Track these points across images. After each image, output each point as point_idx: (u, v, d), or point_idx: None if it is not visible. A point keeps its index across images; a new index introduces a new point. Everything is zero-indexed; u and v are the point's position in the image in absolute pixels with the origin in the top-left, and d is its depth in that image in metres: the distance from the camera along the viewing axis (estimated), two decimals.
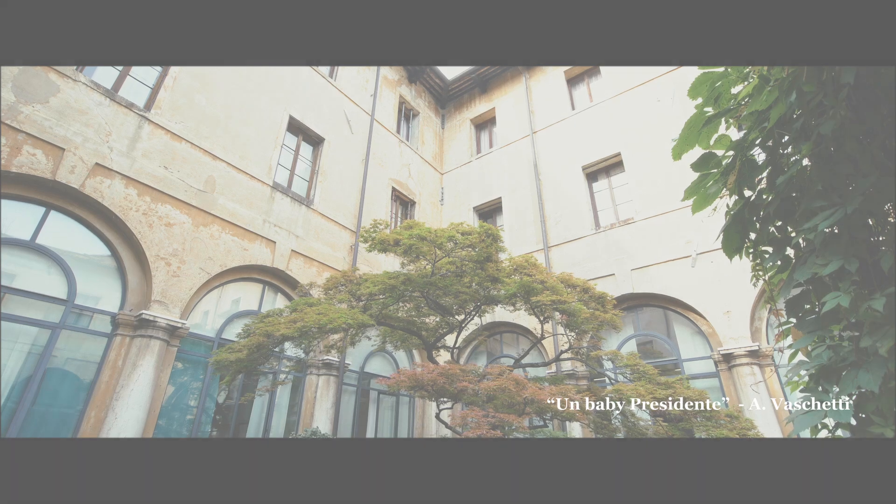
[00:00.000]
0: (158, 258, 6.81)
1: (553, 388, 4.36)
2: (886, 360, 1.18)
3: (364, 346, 9.53)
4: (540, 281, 5.64)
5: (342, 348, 7.34)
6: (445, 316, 6.41)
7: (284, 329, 4.68)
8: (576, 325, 5.86)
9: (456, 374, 4.23)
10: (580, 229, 10.48)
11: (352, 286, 5.96)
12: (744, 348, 7.70)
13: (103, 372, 6.14)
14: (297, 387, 8.49)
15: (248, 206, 8.27)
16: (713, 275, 8.41)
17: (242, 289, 8.21)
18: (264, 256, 8.26)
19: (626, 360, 5.76)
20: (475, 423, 3.76)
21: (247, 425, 7.84)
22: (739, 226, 1.75)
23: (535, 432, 6.82)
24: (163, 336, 6.58)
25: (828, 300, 1.27)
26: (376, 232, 5.59)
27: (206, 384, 7.18)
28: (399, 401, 10.29)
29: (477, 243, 5.21)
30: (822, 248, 1.36)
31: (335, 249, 9.69)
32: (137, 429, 6.05)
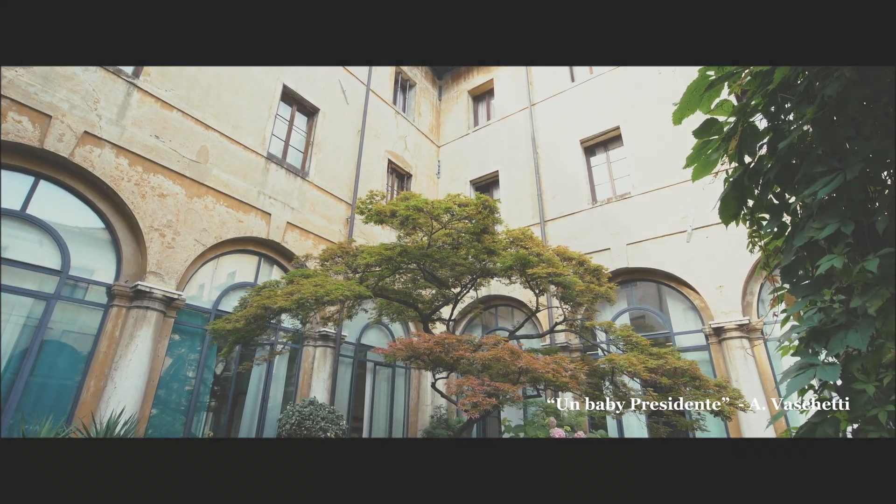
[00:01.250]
0: (152, 229, 6.76)
1: (547, 359, 4.43)
2: (875, 319, 1.20)
3: (360, 319, 9.61)
4: (536, 254, 5.65)
5: (339, 320, 7.40)
6: (441, 288, 6.44)
7: (281, 301, 4.69)
8: (570, 297, 5.92)
9: (452, 343, 4.29)
10: (577, 203, 10.46)
11: (348, 258, 5.96)
12: (734, 322, 7.83)
13: (101, 342, 6.17)
14: (295, 358, 8.59)
15: (242, 177, 8.17)
16: (707, 250, 8.47)
17: (238, 261, 8.20)
18: (260, 228, 8.22)
19: (619, 331, 5.85)
20: (471, 391, 3.83)
21: (245, 395, 7.97)
22: (738, 192, 1.75)
23: (528, 402, 6.98)
24: (159, 307, 6.60)
25: (822, 263, 1.28)
26: (372, 203, 5.55)
27: (203, 355, 7.25)
28: (395, 372, 10.45)
29: (474, 215, 5.19)
30: (820, 213, 1.37)
31: (331, 222, 9.65)
32: (137, 398, 6.13)
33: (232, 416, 7.86)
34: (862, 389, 1.23)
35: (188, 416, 6.90)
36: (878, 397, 1.21)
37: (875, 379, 1.23)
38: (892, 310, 1.18)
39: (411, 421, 10.37)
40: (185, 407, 6.98)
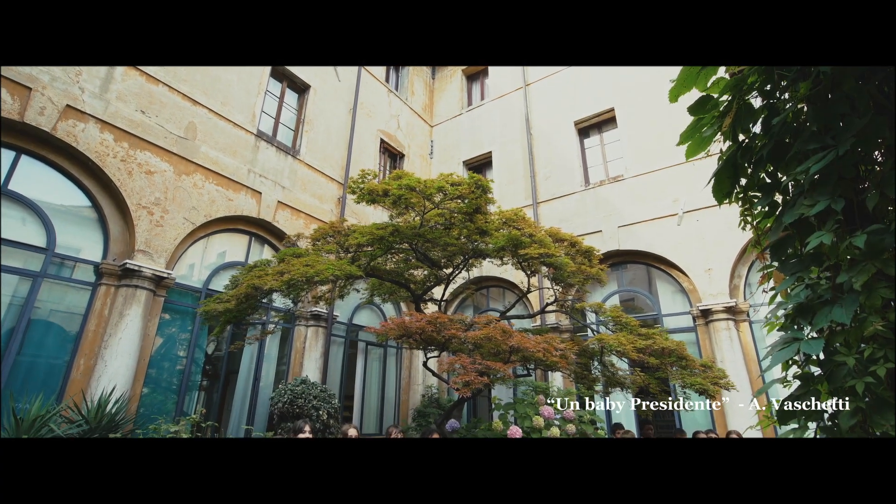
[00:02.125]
0: (140, 207, 6.65)
1: (538, 338, 4.49)
2: (860, 294, 1.22)
3: (352, 299, 9.62)
4: (528, 234, 5.66)
5: (330, 300, 7.39)
6: (433, 269, 6.45)
7: (271, 281, 4.67)
8: (562, 278, 5.96)
9: (444, 322, 4.31)
10: (569, 185, 10.45)
11: (340, 237, 5.92)
12: (721, 304, 7.97)
13: (90, 321, 6.12)
14: (286, 338, 8.60)
15: (231, 154, 8.02)
16: (697, 233, 8.55)
17: (229, 240, 8.12)
18: (250, 207, 8.12)
19: (609, 312, 5.93)
20: (462, 369, 3.87)
21: (237, 374, 8.00)
22: (731, 170, 1.75)
23: (518, 382, 7.08)
24: (149, 286, 6.54)
25: (811, 239, 1.29)
26: (364, 182, 5.49)
27: (194, 335, 7.23)
28: (387, 352, 10.53)
29: (467, 194, 5.16)
30: (811, 190, 1.38)
31: (322, 201, 9.56)
32: (128, 376, 6.12)
33: (224, 394, 7.90)
34: (843, 362, 1.26)
35: (180, 395, 6.92)
36: (858, 369, 1.24)
37: (856, 352, 1.26)
38: (877, 285, 1.20)
39: (403, 400, 10.50)
40: (177, 386, 6.99)
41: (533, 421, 4.45)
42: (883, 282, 1.22)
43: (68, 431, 5.09)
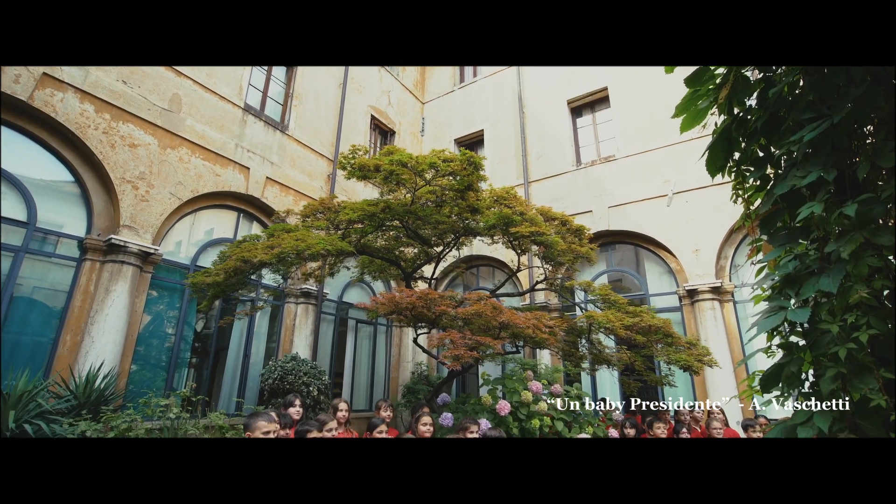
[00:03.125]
0: (124, 181, 6.49)
1: (528, 314, 4.53)
2: (847, 263, 1.24)
3: (342, 277, 9.59)
4: (519, 213, 5.66)
5: (320, 277, 7.37)
6: (424, 246, 6.44)
7: (262, 255, 4.62)
8: (552, 257, 5.99)
9: (434, 299, 4.33)
10: (561, 165, 10.43)
11: (330, 213, 5.86)
12: (707, 284, 8.11)
13: (75, 296, 6.03)
14: (276, 315, 8.59)
15: (218, 128, 7.83)
16: (686, 214, 8.63)
17: (217, 216, 7.99)
18: (238, 183, 7.98)
19: (598, 290, 6.00)
20: (452, 344, 3.90)
21: (226, 351, 7.99)
22: (725, 144, 1.75)
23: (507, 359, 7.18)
24: (135, 262, 6.44)
25: (802, 210, 1.31)
26: (355, 157, 5.41)
27: (183, 312, 7.18)
28: (377, 330, 10.58)
29: (459, 171, 5.12)
30: (804, 161, 1.38)
31: (312, 178, 9.42)
32: (116, 353, 6.08)
33: (214, 371, 7.89)
34: (827, 330, 1.29)
35: (169, 371, 6.90)
36: (841, 336, 1.27)
37: (840, 320, 1.29)
38: (864, 254, 1.22)
39: (392, 377, 10.62)
40: (166, 363, 6.96)
41: (521, 395, 4.54)
42: (870, 251, 1.25)
43: (57, 406, 5.06)
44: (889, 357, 1.28)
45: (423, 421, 3.94)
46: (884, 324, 1.22)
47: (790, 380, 1.45)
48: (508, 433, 4.44)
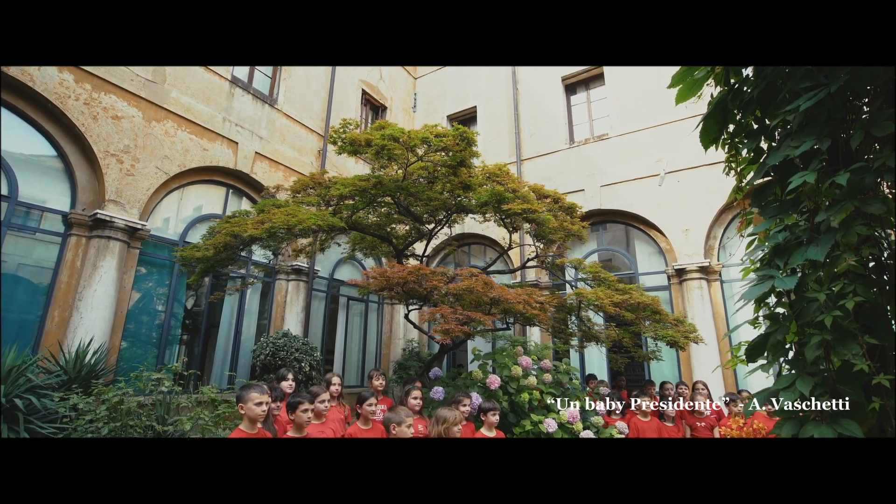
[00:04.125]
0: (108, 154, 6.33)
1: (519, 290, 4.56)
2: (836, 231, 1.25)
3: (333, 254, 9.55)
4: (512, 190, 5.64)
5: (311, 253, 7.32)
6: (416, 223, 6.41)
7: (251, 230, 4.57)
8: (543, 234, 6.01)
9: (426, 274, 4.33)
10: (554, 143, 10.37)
11: (321, 189, 5.79)
12: (696, 264, 8.21)
13: (62, 272, 5.94)
14: (267, 292, 8.56)
15: (205, 101, 7.63)
16: (677, 194, 8.67)
17: (205, 192, 7.86)
18: (226, 158, 7.83)
19: (588, 268, 6.05)
20: (443, 318, 3.93)
21: (217, 328, 7.97)
22: (720, 115, 1.74)
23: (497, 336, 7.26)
24: (122, 237, 6.34)
25: (794, 179, 1.31)
26: (346, 132, 5.31)
27: (172, 289, 7.12)
28: (368, 307, 10.61)
29: (451, 146, 5.06)
30: (798, 131, 1.38)
31: (302, 154, 9.27)
32: (105, 328, 6.03)
33: (205, 348, 7.89)
34: (814, 298, 1.32)
35: (160, 348, 6.89)
36: (827, 305, 1.30)
37: (827, 289, 1.31)
38: (854, 222, 1.24)
39: (384, 354, 10.71)
40: (157, 340, 6.94)
41: (511, 370, 4.60)
42: (860, 219, 1.26)
43: (47, 381, 5.04)
44: (873, 324, 1.31)
45: (413, 394, 3.99)
46: (870, 291, 1.25)
47: (775, 349, 1.49)
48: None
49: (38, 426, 4.66)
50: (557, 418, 4.45)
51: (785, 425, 1.36)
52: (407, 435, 3.23)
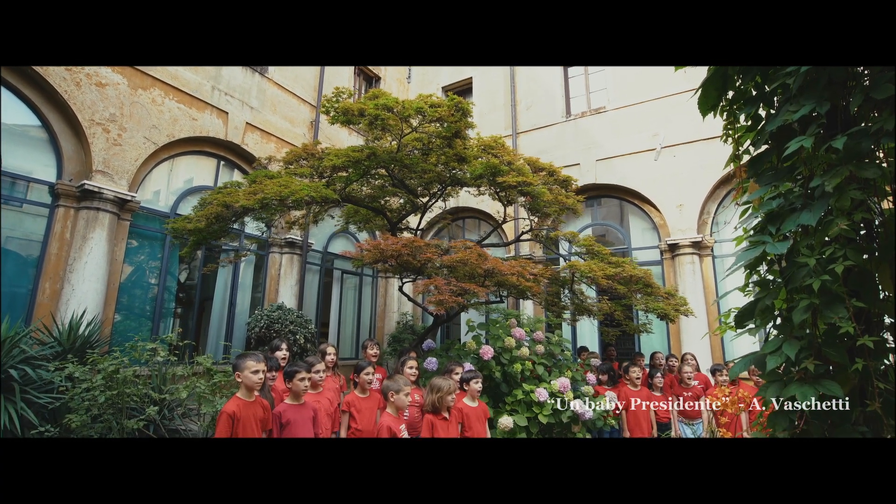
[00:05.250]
0: (94, 123, 6.17)
1: (512, 262, 4.58)
2: (830, 196, 1.26)
3: (327, 227, 9.51)
4: (507, 162, 5.59)
5: (305, 226, 7.28)
6: (410, 196, 6.36)
7: (243, 200, 4.51)
8: (538, 208, 5.99)
9: (420, 246, 4.32)
10: (551, 116, 10.24)
11: (314, 160, 5.70)
12: (689, 239, 8.27)
13: (51, 244, 5.87)
14: (261, 266, 8.54)
15: (192, 69, 7.40)
16: (672, 169, 8.65)
17: (196, 163, 7.72)
18: (216, 128, 7.66)
19: (582, 241, 6.07)
20: (437, 290, 3.95)
21: (211, 301, 7.97)
22: (720, 81, 1.72)
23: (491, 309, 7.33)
24: (111, 209, 6.25)
25: (791, 144, 1.30)
26: (339, 101, 5.20)
27: (165, 262, 7.08)
28: (362, 280, 10.64)
29: (446, 117, 4.98)
30: (797, 95, 1.37)
31: (294, 124, 9.09)
32: (98, 301, 6.01)
33: (200, 321, 7.91)
34: (804, 263, 1.33)
35: (154, 321, 6.90)
36: (817, 269, 1.32)
37: (818, 254, 1.32)
38: (848, 187, 1.24)
39: (378, 327, 10.81)
40: (151, 313, 6.94)
41: (504, 341, 4.67)
42: (854, 184, 1.26)
43: (41, 352, 5.05)
44: (861, 289, 1.33)
45: (408, 365, 4.05)
46: (860, 255, 1.26)
47: (764, 314, 1.51)
48: (491, 377, 4.61)
49: (34, 396, 4.69)
50: (549, 388, 4.55)
51: (770, 387, 1.40)
52: (405, 403, 3.29)
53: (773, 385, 1.40)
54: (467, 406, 3.72)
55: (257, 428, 2.91)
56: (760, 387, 1.50)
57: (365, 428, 3.56)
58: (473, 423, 3.60)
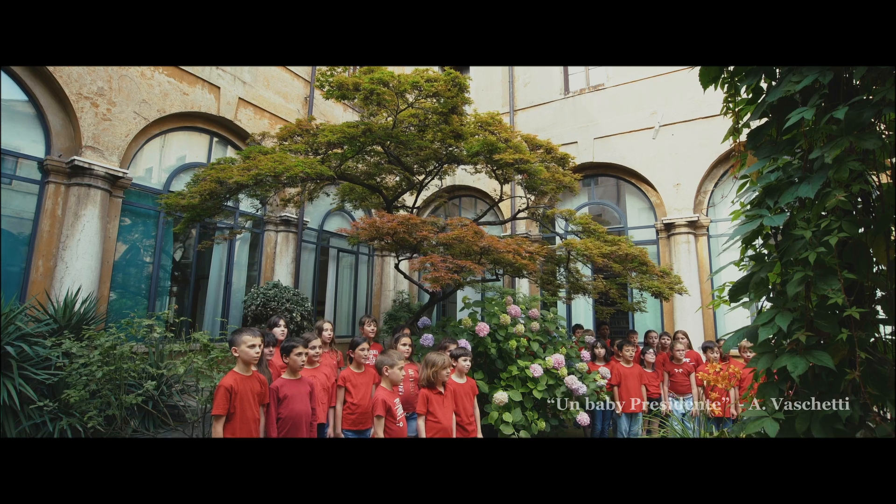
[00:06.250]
0: (82, 97, 6.02)
1: (508, 240, 4.58)
2: (829, 167, 1.25)
3: (323, 205, 9.44)
4: (504, 140, 5.52)
5: (300, 203, 7.22)
6: (406, 173, 6.30)
7: (237, 176, 4.45)
8: (535, 185, 5.96)
9: (416, 224, 4.30)
10: (549, 93, 10.09)
11: (308, 137, 5.61)
12: (685, 218, 8.28)
13: (42, 221, 5.81)
14: (256, 244, 8.50)
15: None
16: (671, 148, 8.59)
17: (188, 140, 7.59)
18: (208, 103, 7.50)
19: (578, 219, 6.06)
20: (433, 267, 3.95)
21: (207, 279, 7.96)
22: None
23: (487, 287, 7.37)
24: (103, 185, 6.16)
25: (793, 115, 1.29)
26: (334, 75, 5.09)
27: (159, 240, 7.03)
28: (359, 259, 10.64)
29: (443, 92, 4.89)
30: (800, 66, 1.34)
31: (288, 100, 8.92)
32: (92, 278, 5.99)
33: (195, 299, 7.91)
34: (800, 236, 1.33)
35: (150, 299, 6.89)
36: (812, 242, 1.32)
37: (814, 226, 1.32)
38: (848, 158, 1.23)
39: (374, 305, 10.86)
40: (146, 291, 6.93)
41: (500, 318, 4.71)
42: (853, 155, 1.25)
43: (37, 329, 5.05)
44: (855, 262, 1.34)
45: (402, 341, 4.08)
46: (855, 228, 1.26)
47: (758, 287, 1.52)
48: (487, 353, 4.66)
49: (32, 372, 4.71)
50: (543, 364, 4.61)
51: (761, 359, 1.42)
52: (399, 377, 3.33)
53: (765, 356, 1.42)
54: (454, 382, 3.74)
55: (255, 402, 2.94)
56: (751, 358, 1.52)
57: (360, 402, 3.61)
58: (461, 398, 3.62)
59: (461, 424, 3.57)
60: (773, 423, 1.38)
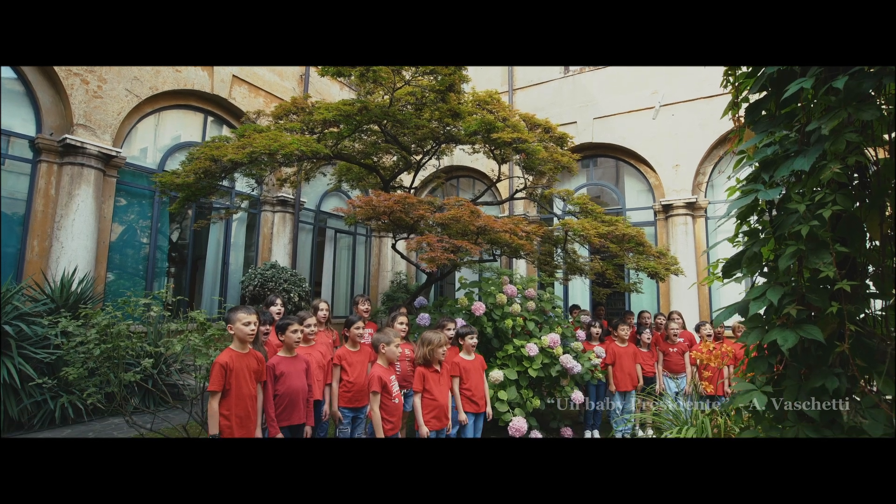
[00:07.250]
0: (71, 73, 5.91)
1: (505, 220, 4.56)
2: (826, 140, 1.24)
3: (319, 185, 9.38)
4: (502, 118, 5.45)
5: (296, 183, 7.17)
6: (403, 152, 6.24)
7: (232, 154, 4.39)
8: (533, 165, 5.91)
9: (413, 203, 4.28)
10: (548, 71, 9.94)
11: (304, 115, 5.53)
12: (683, 200, 8.25)
13: (36, 200, 5.76)
14: (253, 225, 8.47)
15: None
16: (670, 128, 8.51)
17: (182, 119, 7.49)
18: (201, 81, 7.37)
19: (576, 199, 6.04)
20: (429, 247, 3.94)
21: (204, 260, 7.95)
22: None
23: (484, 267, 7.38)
24: (96, 164, 6.09)
25: (791, 86, 1.26)
26: None
27: (155, 220, 6.99)
28: (356, 240, 10.63)
29: (440, 69, 4.80)
30: None
31: (283, 78, 8.77)
32: (88, 258, 5.97)
33: (193, 280, 7.91)
34: (794, 209, 1.32)
35: (147, 279, 6.89)
36: (806, 216, 1.31)
37: (808, 200, 1.32)
38: (845, 129, 1.21)
39: (372, 286, 10.89)
40: (143, 271, 6.93)
41: (496, 298, 4.72)
42: (850, 127, 1.24)
43: (34, 309, 5.06)
44: (848, 236, 1.33)
45: (398, 320, 4.10)
46: (850, 202, 1.25)
47: (751, 262, 1.52)
48: (483, 332, 4.69)
49: (31, 351, 4.74)
50: (539, 343, 4.64)
51: (752, 333, 1.43)
52: (395, 354, 3.36)
53: (755, 331, 1.43)
54: (464, 360, 3.83)
55: (251, 379, 2.96)
56: (742, 333, 1.53)
57: (356, 380, 3.65)
58: (471, 375, 3.79)
59: (471, 399, 3.75)
60: (761, 396, 1.40)
